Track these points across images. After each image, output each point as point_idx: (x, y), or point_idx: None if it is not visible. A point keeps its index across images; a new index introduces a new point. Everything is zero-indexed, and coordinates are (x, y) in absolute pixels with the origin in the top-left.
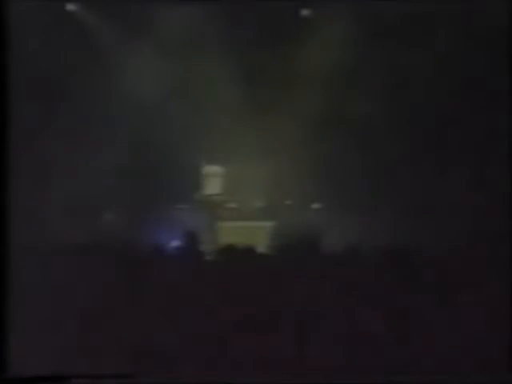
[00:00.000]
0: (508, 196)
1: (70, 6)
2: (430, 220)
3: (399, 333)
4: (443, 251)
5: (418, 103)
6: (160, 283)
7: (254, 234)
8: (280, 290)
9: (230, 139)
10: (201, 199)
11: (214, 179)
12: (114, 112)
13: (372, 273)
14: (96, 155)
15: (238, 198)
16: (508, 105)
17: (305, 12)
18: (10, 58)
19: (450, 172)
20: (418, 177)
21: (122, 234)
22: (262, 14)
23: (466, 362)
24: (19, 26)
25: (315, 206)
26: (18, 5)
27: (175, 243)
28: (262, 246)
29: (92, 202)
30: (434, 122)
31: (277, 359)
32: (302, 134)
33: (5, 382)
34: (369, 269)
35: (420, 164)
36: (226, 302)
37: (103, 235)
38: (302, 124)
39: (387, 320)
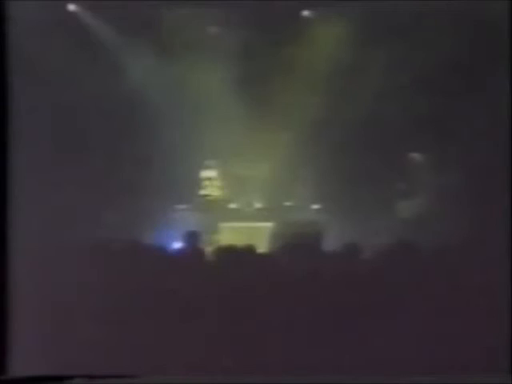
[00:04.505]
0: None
1: (71, 6)
2: (429, 219)
3: (399, 332)
4: (443, 251)
5: (418, 104)
6: (160, 283)
7: (253, 234)
8: (280, 291)
9: (230, 140)
10: (201, 200)
11: (214, 180)
12: (114, 112)
13: (372, 272)
14: (98, 156)
15: (238, 199)
16: (508, 105)
17: (305, 12)
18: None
19: (449, 172)
20: (418, 176)
21: (121, 234)
22: (262, 14)
23: (466, 362)
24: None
25: (315, 206)
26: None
27: (175, 244)
28: (261, 246)
29: (92, 202)
30: (433, 122)
31: (278, 359)
32: (301, 134)
33: (5, 382)
34: (369, 268)
35: (420, 164)
36: (225, 302)
37: (103, 235)
38: (302, 124)
39: (387, 319)
